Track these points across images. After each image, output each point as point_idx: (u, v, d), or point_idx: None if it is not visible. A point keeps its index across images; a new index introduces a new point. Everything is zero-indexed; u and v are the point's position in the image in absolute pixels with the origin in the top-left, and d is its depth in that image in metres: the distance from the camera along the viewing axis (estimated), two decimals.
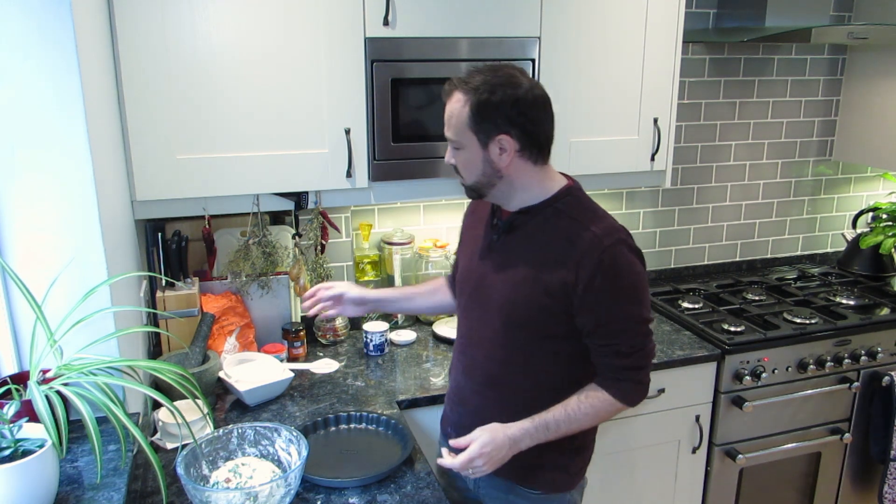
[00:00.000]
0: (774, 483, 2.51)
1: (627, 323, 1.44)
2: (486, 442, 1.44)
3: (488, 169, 1.44)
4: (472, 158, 1.44)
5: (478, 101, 1.38)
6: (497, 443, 1.44)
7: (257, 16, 1.82)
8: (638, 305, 1.44)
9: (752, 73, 2.83)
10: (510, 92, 1.38)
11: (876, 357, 2.49)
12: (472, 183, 1.48)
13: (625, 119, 2.27)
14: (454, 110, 1.42)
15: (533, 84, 1.41)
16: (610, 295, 1.41)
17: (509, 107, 1.38)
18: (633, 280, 1.42)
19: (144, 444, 1.22)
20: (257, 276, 2.11)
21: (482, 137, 1.41)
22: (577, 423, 1.47)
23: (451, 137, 1.45)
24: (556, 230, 1.45)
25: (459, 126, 1.42)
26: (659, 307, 2.61)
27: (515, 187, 1.47)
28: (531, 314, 1.47)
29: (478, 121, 1.39)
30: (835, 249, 3.20)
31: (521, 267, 1.47)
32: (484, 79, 1.39)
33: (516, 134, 1.40)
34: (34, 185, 1.35)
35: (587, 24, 2.14)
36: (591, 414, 1.47)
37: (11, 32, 1.28)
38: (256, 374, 1.91)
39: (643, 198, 2.82)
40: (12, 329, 1.41)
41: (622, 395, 1.47)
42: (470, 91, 1.39)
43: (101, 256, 1.43)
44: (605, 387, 1.48)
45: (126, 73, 1.74)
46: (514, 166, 1.43)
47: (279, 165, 1.92)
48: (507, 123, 1.39)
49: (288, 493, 1.37)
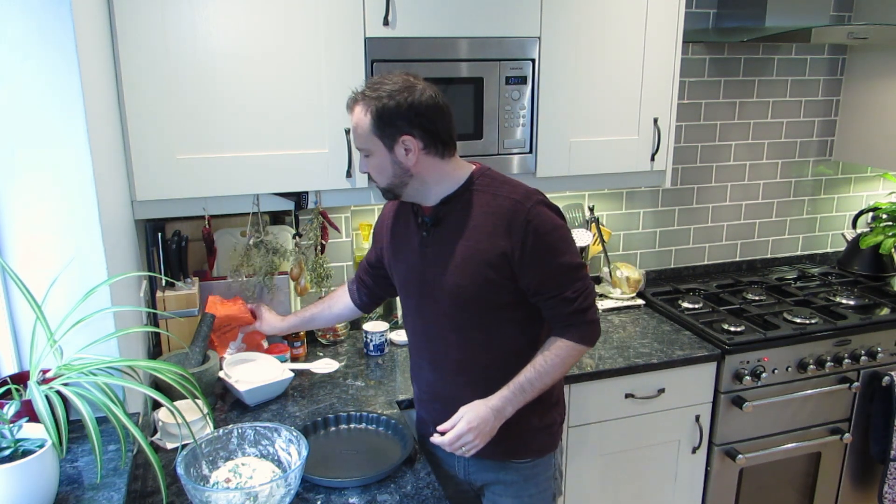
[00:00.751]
0: (774, 483, 2.51)
1: (565, 272, 1.54)
2: (471, 418, 1.55)
3: (398, 170, 1.52)
4: (382, 162, 1.52)
5: (377, 109, 1.47)
6: (482, 416, 1.54)
7: (257, 16, 1.82)
8: (569, 254, 1.55)
9: (752, 73, 2.83)
10: (406, 96, 1.47)
11: (876, 357, 2.49)
12: (385, 185, 1.56)
13: (625, 119, 2.27)
14: (358, 121, 1.50)
15: (426, 86, 1.50)
16: (543, 252, 1.51)
17: (406, 109, 1.46)
18: (559, 233, 1.54)
19: (144, 444, 1.22)
20: (263, 275, 2.11)
21: (387, 141, 1.49)
22: (549, 375, 1.57)
23: (360, 146, 1.54)
24: (479, 208, 1.54)
25: (364, 134, 1.50)
26: (659, 307, 2.61)
27: (428, 182, 1.55)
28: (479, 291, 1.54)
29: (380, 126, 1.48)
30: (835, 249, 3.20)
31: (458, 251, 1.55)
32: (380, 88, 1.48)
33: (418, 134, 1.49)
34: (34, 185, 1.35)
35: (587, 24, 2.14)
36: (559, 363, 1.57)
37: (11, 32, 1.28)
38: (256, 374, 1.91)
39: (643, 198, 2.82)
40: (12, 329, 1.41)
41: (579, 337, 1.58)
42: (370, 101, 1.48)
43: (101, 256, 1.43)
44: (562, 335, 1.58)
45: (126, 73, 1.74)
46: (423, 164, 1.52)
47: (279, 165, 1.92)
48: (408, 125, 1.48)
49: (288, 493, 1.37)
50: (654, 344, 2.32)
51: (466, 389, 1.61)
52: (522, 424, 1.63)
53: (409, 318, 1.71)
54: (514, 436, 1.63)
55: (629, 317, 2.56)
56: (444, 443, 1.56)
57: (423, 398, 1.74)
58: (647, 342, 2.34)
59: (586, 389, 2.14)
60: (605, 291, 2.69)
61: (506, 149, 2.15)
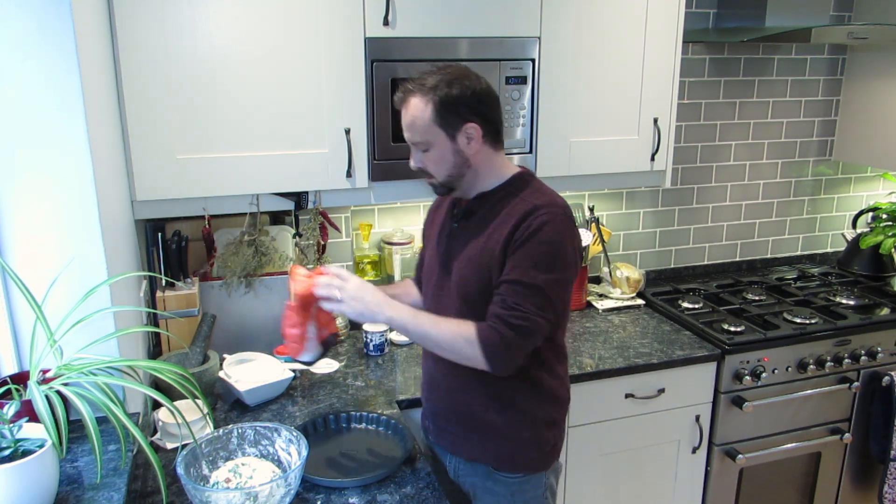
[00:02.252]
0: (774, 483, 2.51)
1: (523, 283, 1.43)
2: (351, 277, 1.50)
3: (458, 159, 1.51)
4: (442, 154, 1.50)
5: (440, 98, 1.45)
6: (364, 284, 1.49)
7: (257, 16, 1.82)
8: (541, 271, 1.43)
9: (752, 73, 2.83)
10: (467, 84, 1.46)
11: (876, 357, 2.49)
12: (444, 178, 1.54)
13: (625, 119, 2.27)
14: (416, 113, 1.47)
15: (480, 77, 1.50)
16: (524, 253, 1.45)
17: (469, 97, 1.46)
18: (552, 248, 1.44)
19: (144, 444, 1.22)
20: (246, 274, 2.10)
21: (449, 130, 1.48)
22: (435, 330, 1.47)
23: (417, 140, 1.51)
24: (505, 210, 1.52)
25: (424, 126, 1.48)
26: (659, 307, 2.61)
27: (480, 174, 1.55)
28: (483, 285, 1.52)
29: (443, 115, 1.46)
30: (835, 249, 3.20)
31: (473, 246, 1.54)
32: (436, 78, 1.46)
33: (479, 121, 1.48)
34: (34, 185, 1.35)
35: (587, 24, 2.14)
36: (449, 334, 1.46)
37: (11, 32, 1.28)
38: (256, 374, 1.91)
39: (643, 198, 2.82)
40: (12, 329, 1.41)
41: (485, 340, 1.44)
42: (428, 91, 1.45)
43: (101, 256, 1.43)
44: (477, 326, 1.46)
45: (126, 73, 1.74)
46: (481, 153, 1.51)
47: (279, 165, 1.92)
48: (470, 112, 1.47)
49: (288, 493, 1.37)
50: (654, 344, 2.32)
51: (462, 384, 1.61)
52: (512, 433, 1.60)
53: (425, 304, 1.70)
54: (501, 443, 1.61)
55: (629, 317, 2.56)
56: (318, 281, 1.49)
57: (425, 387, 1.76)
58: (647, 342, 2.34)
59: (586, 389, 2.14)
60: (605, 291, 2.70)
61: (506, 149, 2.14)
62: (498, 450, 1.62)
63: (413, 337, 1.52)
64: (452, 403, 1.66)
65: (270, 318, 2.19)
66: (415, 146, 1.53)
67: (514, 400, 1.59)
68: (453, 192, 1.58)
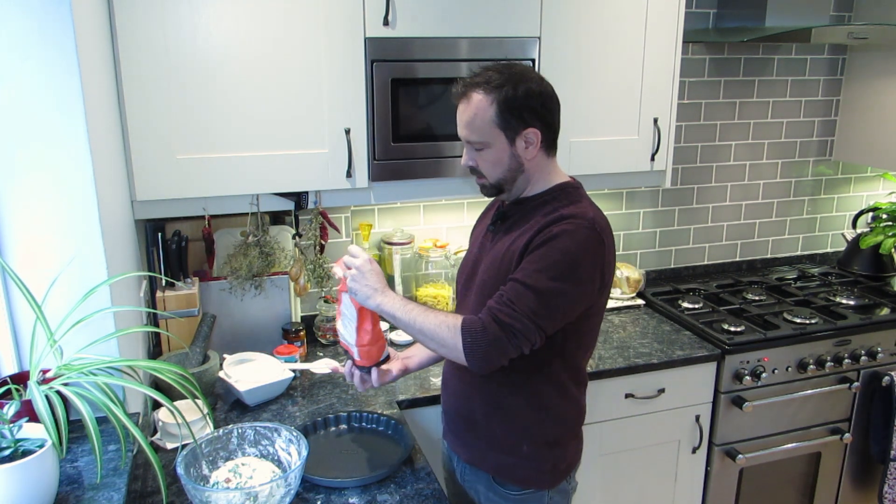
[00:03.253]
0: (774, 483, 2.51)
1: (524, 282, 1.37)
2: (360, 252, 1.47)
3: (514, 163, 1.46)
4: (499, 156, 1.45)
5: (504, 98, 1.38)
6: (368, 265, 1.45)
7: (257, 16, 1.82)
8: (547, 277, 1.36)
9: (752, 73, 2.83)
10: (531, 86, 1.40)
11: (876, 357, 2.49)
12: (496, 180, 1.49)
13: (625, 119, 2.27)
14: (477, 111, 1.40)
15: (542, 77, 1.44)
16: (535, 254, 1.39)
17: (535, 99, 1.40)
18: (563, 258, 1.37)
19: (144, 444, 1.22)
20: (253, 275, 2.11)
21: (510, 133, 1.42)
22: (422, 319, 1.41)
23: (475, 139, 1.44)
24: (537, 217, 1.47)
25: (484, 125, 1.41)
26: (659, 307, 2.61)
27: (531, 179, 1.50)
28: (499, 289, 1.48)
29: (506, 117, 1.40)
30: (835, 249, 3.20)
31: (498, 250, 1.51)
32: (502, 76, 1.40)
33: (541, 126, 1.42)
34: (34, 185, 1.35)
35: (587, 24, 2.14)
36: (434, 323, 1.40)
37: (11, 32, 1.28)
38: (256, 374, 1.91)
39: (643, 198, 2.82)
40: (12, 329, 1.41)
41: (465, 322, 1.37)
42: (492, 90, 1.39)
43: (101, 256, 1.43)
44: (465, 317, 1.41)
45: (126, 73, 1.74)
46: (536, 159, 1.46)
47: (279, 165, 1.92)
48: (534, 117, 1.41)
49: (288, 493, 1.37)
50: (654, 344, 2.32)
51: (467, 387, 1.60)
52: (511, 446, 1.56)
53: (457, 299, 1.69)
54: (501, 454, 1.58)
55: (629, 317, 2.56)
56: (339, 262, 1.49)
57: (442, 383, 1.74)
58: (647, 342, 2.34)
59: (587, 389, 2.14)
60: None
61: None
62: (498, 460, 1.59)
63: (401, 325, 1.44)
64: (459, 406, 1.65)
65: (270, 318, 2.20)
66: (469, 144, 1.47)
67: (515, 413, 1.55)
68: (502, 194, 1.52)
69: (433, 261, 2.46)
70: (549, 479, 1.60)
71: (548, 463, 1.59)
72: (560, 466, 1.61)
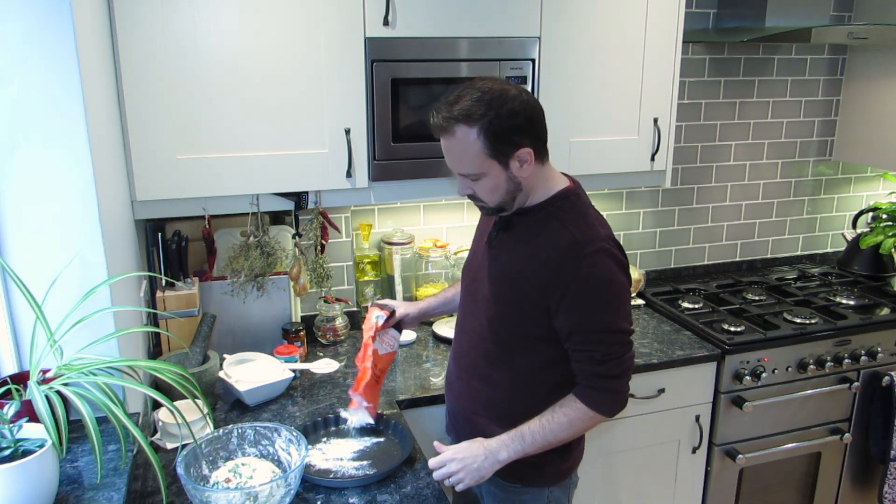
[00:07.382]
0: (774, 483, 2.51)
1: (602, 332, 1.44)
2: (458, 449, 1.51)
3: (511, 185, 1.44)
4: (496, 182, 1.42)
5: (489, 127, 1.34)
6: (472, 451, 1.50)
7: (257, 16, 1.82)
8: (613, 315, 1.44)
9: (752, 73, 2.83)
10: (513, 106, 1.36)
11: (876, 357, 2.49)
12: (496, 204, 1.47)
13: (625, 119, 2.27)
14: (465, 145, 1.37)
15: (519, 89, 1.40)
16: (585, 303, 1.42)
17: (519, 119, 1.37)
18: (610, 291, 1.43)
19: (144, 444, 1.22)
20: (255, 276, 2.11)
21: (502, 160, 1.39)
22: (553, 434, 1.48)
23: (468, 172, 1.42)
24: (543, 233, 1.46)
25: (475, 158, 1.38)
26: (659, 307, 2.61)
27: (530, 193, 1.49)
28: (512, 313, 1.50)
29: (495, 145, 1.36)
30: (835, 249, 3.20)
31: (509, 266, 1.50)
32: (482, 104, 1.34)
33: (530, 143, 1.40)
34: (34, 185, 1.35)
35: (587, 24, 2.14)
36: (566, 424, 1.47)
37: (11, 32, 1.28)
38: (256, 374, 1.91)
39: (643, 198, 2.82)
40: (12, 329, 1.41)
41: (597, 405, 1.47)
42: (475, 121, 1.35)
43: (101, 256, 1.43)
44: (581, 397, 1.48)
45: (126, 73, 1.74)
46: (531, 174, 1.44)
47: (279, 165, 1.92)
48: (522, 136, 1.38)
49: (288, 493, 1.37)
50: (654, 344, 2.32)
51: (473, 393, 1.61)
52: None
53: (459, 303, 1.69)
54: None
55: None
56: (431, 464, 1.52)
57: (446, 381, 1.76)
58: (647, 342, 2.34)
59: None
60: None
61: None
62: None
63: (539, 450, 1.50)
64: (461, 408, 1.67)
65: (270, 318, 2.19)
66: (464, 177, 1.44)
67: (519, 416, 1.54)
68: (505, 211, 1.50)
69: (433, 261, 2.46)
70: (552, 478, 1.63)
71: (551, 464, 1.61)
72: (563, 466, 1.63)
